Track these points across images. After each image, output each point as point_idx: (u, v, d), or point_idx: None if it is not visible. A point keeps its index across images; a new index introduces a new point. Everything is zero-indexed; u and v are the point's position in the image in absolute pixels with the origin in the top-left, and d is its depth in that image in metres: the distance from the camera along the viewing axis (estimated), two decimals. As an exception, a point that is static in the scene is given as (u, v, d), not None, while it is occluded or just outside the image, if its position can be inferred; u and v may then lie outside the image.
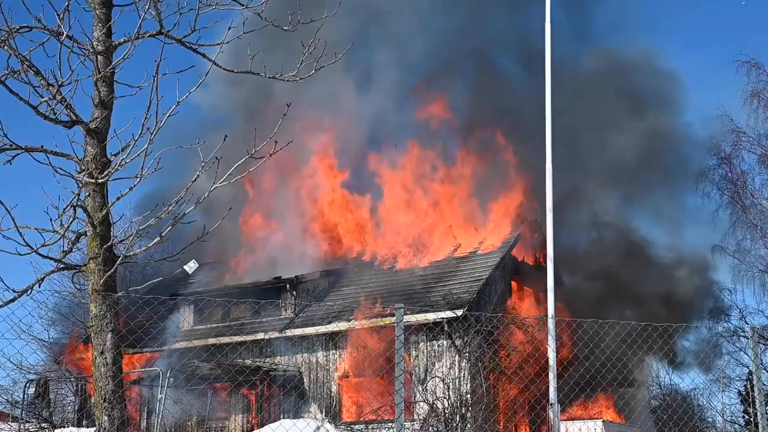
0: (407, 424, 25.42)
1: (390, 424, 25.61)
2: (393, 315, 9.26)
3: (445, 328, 27.09)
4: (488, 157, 33.27)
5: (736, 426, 35.46)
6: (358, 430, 26.36)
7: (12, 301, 7.82)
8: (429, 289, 29.59)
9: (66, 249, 8.04)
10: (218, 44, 8.41)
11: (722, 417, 36.14)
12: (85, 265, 8.15)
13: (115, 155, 8.11)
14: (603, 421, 26.03)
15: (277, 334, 29.87)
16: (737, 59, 35.34)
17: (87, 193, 8.04)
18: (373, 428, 26.64)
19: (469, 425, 24.98)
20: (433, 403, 25.53)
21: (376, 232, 33.90)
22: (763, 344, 31.86)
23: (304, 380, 29.67)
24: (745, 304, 35.67)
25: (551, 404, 19.74)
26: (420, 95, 34.80)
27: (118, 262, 8.05)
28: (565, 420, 24.12)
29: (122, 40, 8.25)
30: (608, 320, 12.16)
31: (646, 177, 35.57)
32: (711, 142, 35.36)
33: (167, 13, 8.24)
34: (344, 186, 34.51)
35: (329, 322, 29.16)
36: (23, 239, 7.56)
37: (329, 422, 21.50)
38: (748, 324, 28.79)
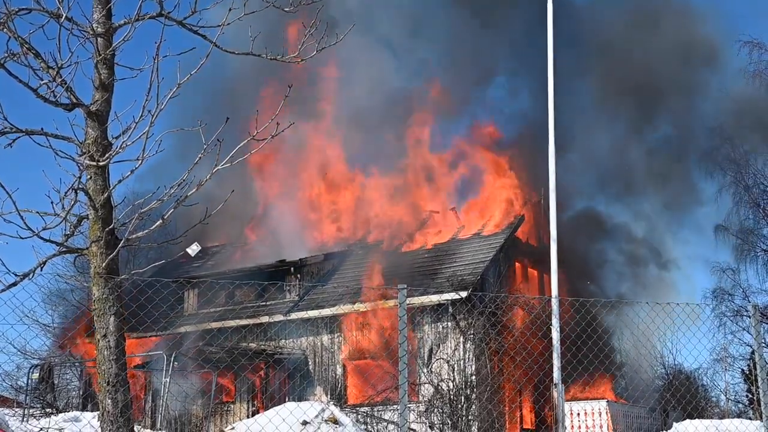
0: (412, 406, 25.47)
1: (395, 406, 25.67)
2: (396, 297, 9.23)
3: (450, 310, 27.12)
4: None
5: (740, 405, 35.51)
6: (363, 412, 26.42)
7: (14, 284, 7.79)
8: (433, 271, 29.62)
9: (68, 232, 7.99)
10: (219, 26, 8.36)
11: (725, 396, 36.20)
12: (87, 248, 8.12)
13: (116, 138, 8.07)
14: (607, 401, 26.08)
15: (281, 318, 29.89)
16: (739, 39, 35.29)
17: (88, 176, 8.01)
18: (378, 410, 26.69)
19: (473, 406, 25.02)
20: (438, 385, 25.57)
21: (382, 215, 33.94)
22: (766, 323, 31.85)
23: (309, 363, 29.71)
24: (748, 284, 35.67)
25: (555, 384, 19.74)
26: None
27: (120, 245, 8.03)
28: (569, 400, 24.16)
29: (122, 21, 8.20)
30: (610, 299, 12.14)
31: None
32: (714, 122, 35.42)
33: (167, -5, 8.21)
34: (350, 168, 34.58)
35: (333, 305, 29.19)
36: (24, 223, 7.53)
37: (334, 404, 21.53)
38: (750, 302, 28.78)
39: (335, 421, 18.36)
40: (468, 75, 34.91)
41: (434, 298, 27.12)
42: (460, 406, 24.69)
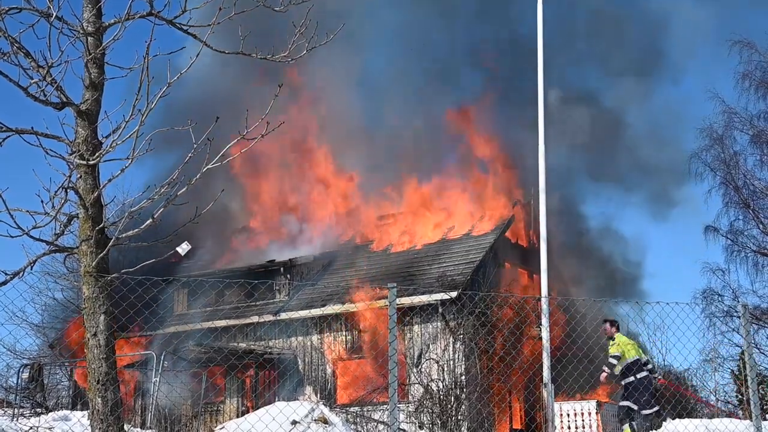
0: (402, 406, 25.47)
1: (385, 406, 25.68)
2: (386, 297, 9.24)
3: (439, 310, 27.16)
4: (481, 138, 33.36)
5: (730, 406, 35.56)
6: (353, 412, 26.42)
7: (4, 284, 7.79)
8: (423, 271, 29.64)
9: (58, 231, 8.00)
10: (209, 25, 8.37)
11: (715, 396, 36.26)
12: (77, 247, 8.12)
13: (107, 137, 8.07)
14: (597, 401, 26.11)
15: (271, 317, 29.89)
16: (730, 39, 35.37)
17: (78, 175, 8.01)
18: (367, 410, 26.70)
19: (463, 406, 25.05)
20: (428, 385, 25.59)
21: (370, 215, 33.92)
22: (755, 324, 31.93)
23: (299, 363, 29.72)
24: (738, 284, 35.73)
25: (545, 384, 19.77)
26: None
27: (110, 244, 8.03)
28: (559, 401, 24.19)
29: (112, 21, 8.20)
30: (601, 298, 12.17)
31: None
32: (703, 122, 35.47)
33: (157, -6, 8.21)
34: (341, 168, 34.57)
35: (323, 305, 29.19)
36: (15, 222, 7.53)
37: (324, 404, 21.52)
38: (740, 303, 28.90)
39: (325, 421, 18.34)
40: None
41: (424, 298, 27.14)
42: (449, 406, 24.71)
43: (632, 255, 34.79)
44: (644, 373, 17.92)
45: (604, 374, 17.80)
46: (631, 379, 18.02)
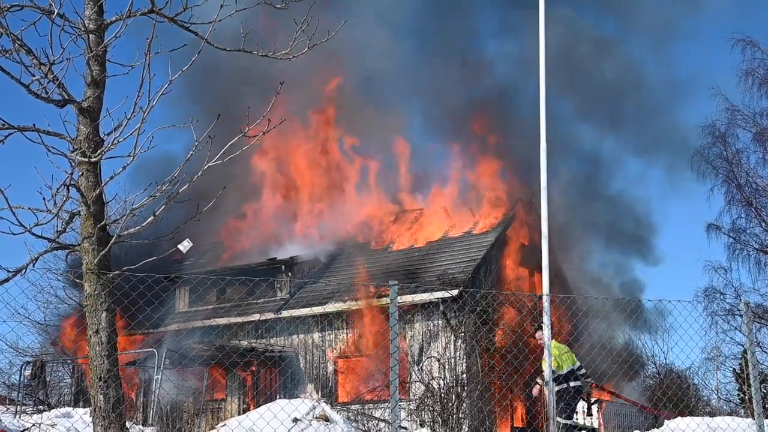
0: (403, 404, 25.48)
1: (386, 403, 25.70)
2: (388, 295, 9.26)
3: (440, 308, 27.16)
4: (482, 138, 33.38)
5: (731, 404, 35.54)
6: (354, 410, 26.44)
7: (6, 281, 7.81)
8: (424, 269, 29.65)
9: (60, 229, 8.01)
10: (210, 22, 8.37)
11: (717, 395, 36.24)
12: (79, 244, 8.13)
13: (108, 134, 8.08)
14: (598, 400, 26.09)
15: (272, 315, 29.90)
16: (732, 37, 35.36)
17: (80, 173, 8.02)
18: (369, 408, 26.72)
19: (464, 404, 25.04)
20: (429, 383, 25.59)
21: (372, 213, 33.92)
22: (758, 322, 31.90)
23: (300, 361, 29.73)
24: (741, 283, 35.72)
25: (546, 382, 19.75)
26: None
27: (112, 241, 8.04)
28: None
29: (114, 18, 8.21)
30: (602, 296, 12.16)
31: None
32: (706, 120, 35.44)
33: (159, -9, 8.21)
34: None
35: (324, 303, 29.20)
36: (17, 219, 7.54)
37: (325, 402, 21.52)
38: (742, 301, 28.81)
39: (326, 419, 18.34)
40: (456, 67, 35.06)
41: (425, 296, 27.15)
42: (450, 404, 24.71)
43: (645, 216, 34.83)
44: (578, 383, 17.30)
45: (536, 388, 17.13)
46: (564, 386, 17.32)
